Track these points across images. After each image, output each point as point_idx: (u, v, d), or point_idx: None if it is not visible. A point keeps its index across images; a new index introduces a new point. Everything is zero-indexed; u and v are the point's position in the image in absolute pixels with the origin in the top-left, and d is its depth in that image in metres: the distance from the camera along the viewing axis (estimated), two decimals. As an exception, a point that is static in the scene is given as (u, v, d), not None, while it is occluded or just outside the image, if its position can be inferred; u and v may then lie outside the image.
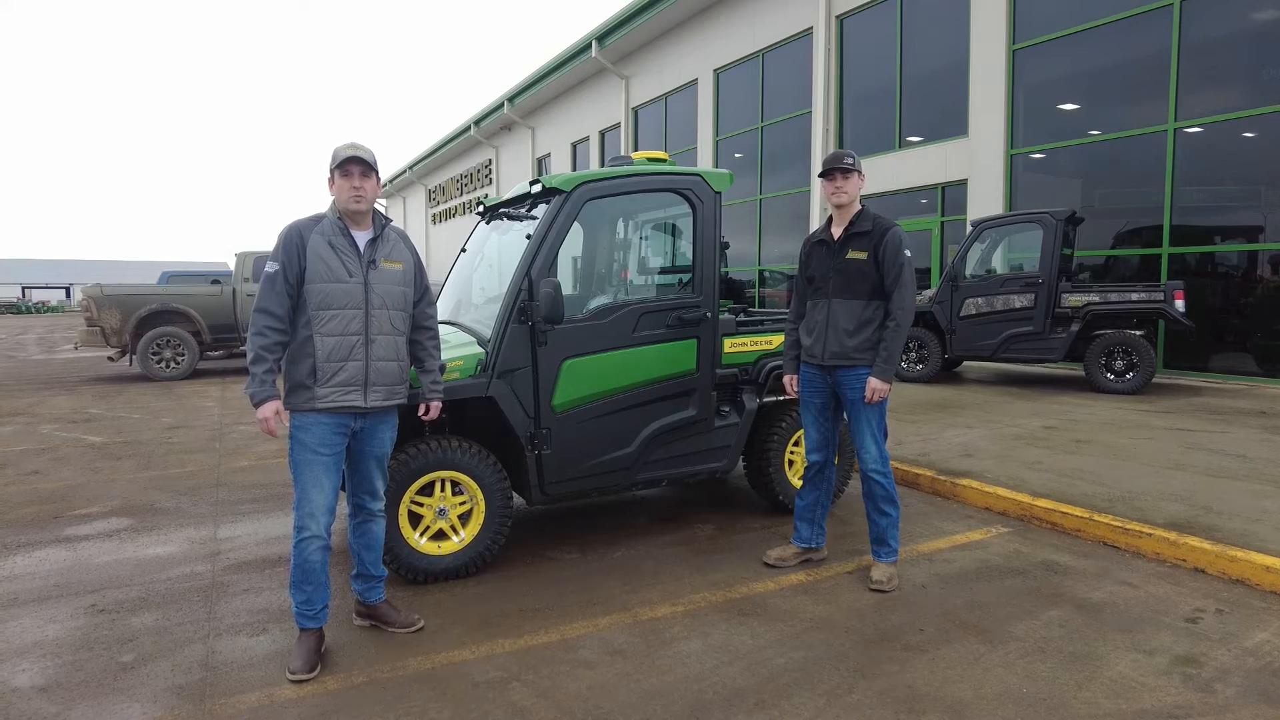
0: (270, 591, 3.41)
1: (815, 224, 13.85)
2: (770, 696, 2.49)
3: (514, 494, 3.72)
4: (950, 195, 12.17)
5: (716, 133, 17.13)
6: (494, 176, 29.24)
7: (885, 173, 12.87)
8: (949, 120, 12.05)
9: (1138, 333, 8.37)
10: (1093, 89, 10.31)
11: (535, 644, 2.88)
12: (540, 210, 3.77)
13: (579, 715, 2.40)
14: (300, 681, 2.60)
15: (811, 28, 14.17)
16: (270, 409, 2.67)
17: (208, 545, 4.05)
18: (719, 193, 4.02)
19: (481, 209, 4.53)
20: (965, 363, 10.56)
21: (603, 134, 21.77)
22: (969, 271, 9.38)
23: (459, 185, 33.19)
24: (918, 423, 6.73)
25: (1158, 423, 6.56)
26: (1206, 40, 9.10)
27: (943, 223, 12.32)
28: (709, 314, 3.93)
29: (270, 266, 2.69)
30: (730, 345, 4.13)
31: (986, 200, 11.35)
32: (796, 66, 14.74)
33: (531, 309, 3.49)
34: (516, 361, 3.53)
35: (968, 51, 11.56)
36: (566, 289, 4.33)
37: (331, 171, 2.77)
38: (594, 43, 19.47)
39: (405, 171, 38.84)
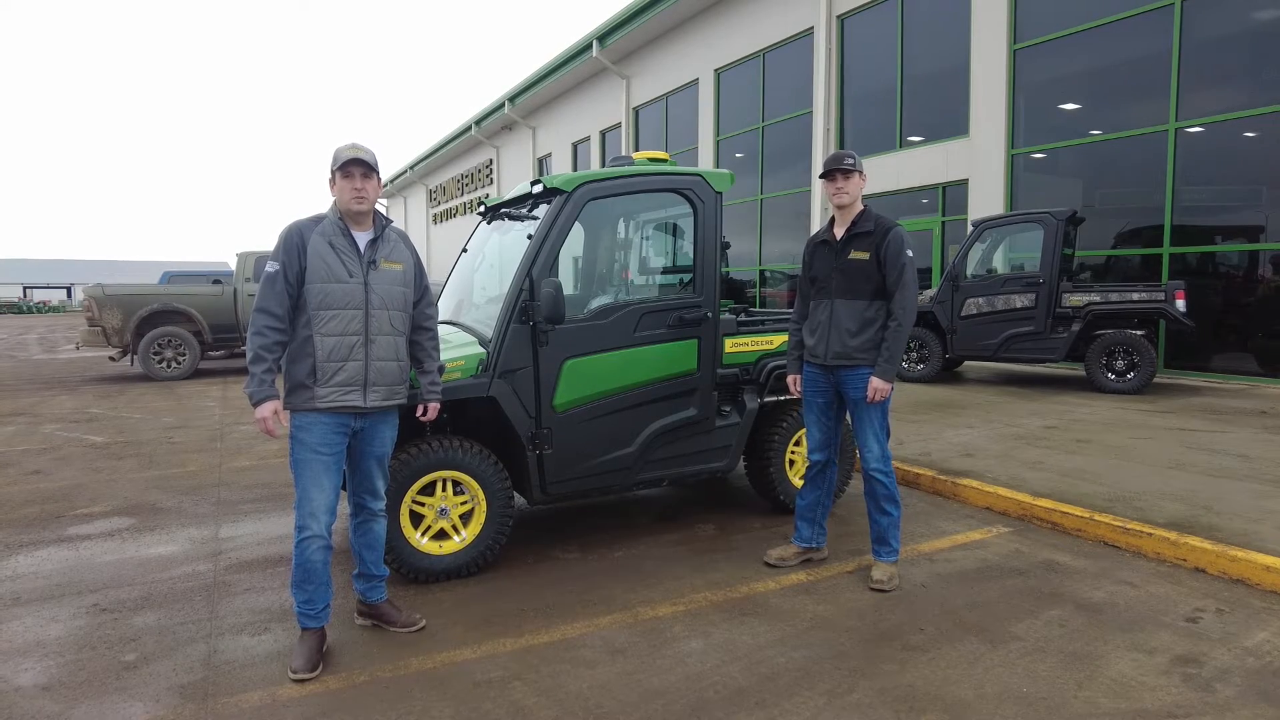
0: (272, 591, 3.42)
1: (816, 224, 13.86)
2: (771, 696, 2.50)
3: (515, 494, 3.73)
4: (951, 195, 12.17)
5: (717, 133, 17.13)
6: (495, 176, 29.25)
7: (886, 173, 12.87)
8: (950, 120, 12.04)
9: (1139, 332, 8.37)
10: (1093, 89, 10.31)
11: (536, 643, 2.88)
12: (541, 210, 3.77)
13: (580, 714, 2.40)
14: (302, 681, 2.61)
15: (812, 28, 14.17)
16: (269, 409, 2.68)
17: (209, 545, 4.05)
18: (720, 193, 4.02)
19: (482, 209, 4.53)
20: (966, 362, 10.56)
21: (603, 134, 21.77)
22: (970, 271, 9.38)
23: (460, 185, 33.19)
24: (918, 422, 6.74)
25: (1158, 422, 6.56)
26: (1207, 40, 9.10)
27: (943, 223, 12.31)
28: (710, 314, 3.94)
29: (270, 266, 2.70)
30: (731, 345, 4.14)
31: (987, 200, 11.35)
32: (797, 66, 14.74)
33: (533, 309, 3.49)
34: (518, 361, 3.54)
35: (968, 51, 11.56)
36: (568, 289, 4.33)
37: (333, 172, 2.77)
38: (595, 43, 19.47)
39: (406, 171, 38.84)
